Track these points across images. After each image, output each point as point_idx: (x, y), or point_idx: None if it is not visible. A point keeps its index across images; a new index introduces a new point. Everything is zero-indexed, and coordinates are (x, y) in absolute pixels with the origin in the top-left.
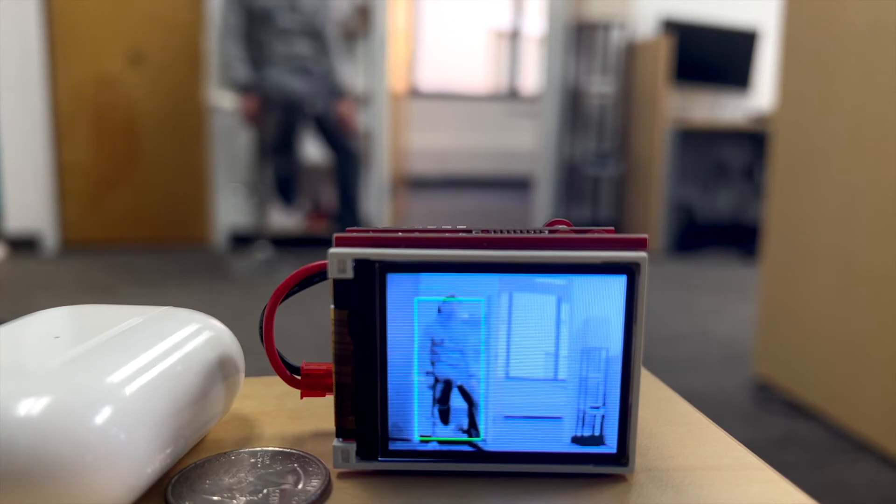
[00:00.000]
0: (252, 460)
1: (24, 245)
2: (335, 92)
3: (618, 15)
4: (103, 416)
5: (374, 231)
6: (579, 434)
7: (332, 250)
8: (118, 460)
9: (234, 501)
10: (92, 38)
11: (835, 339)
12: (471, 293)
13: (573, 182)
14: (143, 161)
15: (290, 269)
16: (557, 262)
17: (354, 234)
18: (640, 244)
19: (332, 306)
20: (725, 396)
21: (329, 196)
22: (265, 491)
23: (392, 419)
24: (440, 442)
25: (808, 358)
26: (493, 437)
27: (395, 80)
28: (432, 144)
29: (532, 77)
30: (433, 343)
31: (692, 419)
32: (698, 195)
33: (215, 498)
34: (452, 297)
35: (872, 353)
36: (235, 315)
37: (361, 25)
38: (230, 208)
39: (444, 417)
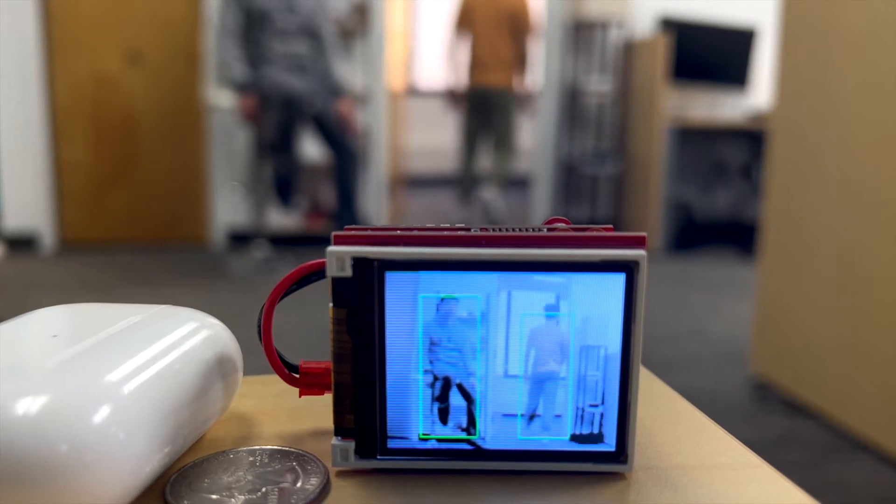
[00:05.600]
0: (251, 459)
1: (22, 244)
2: (333, 91)
3: (616, 14)
4: (101, 415)
5: (372, 229)
6: (578, 432)
7: (331, 249)
8: (117, 459)
9: (233, 500)
10: (90, 37)
11: (834, 337)
12: (469, 291)
13: (571, 181)
14: (142, 160)
15: (288, 267)
16: (556, 261)
17: (353, 233)
18: (638, 242)
19: (331, 305)
20: (724, 395)
21: (327, 195)
22: (264, 489)
23: (391, 417)
24: (439, 440)
25: (806, 357)
26: (491, 435)
27: (394, 78)
28: (431, 143)
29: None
30: (432, 341)
31: (691, 418)
32: (696, 194)
33: (214, 496)
34: (451, 295)
35: (871, 352)
36: (234, 314)
37: (359, 24)
38: (228, 207)
39: (443, 415)
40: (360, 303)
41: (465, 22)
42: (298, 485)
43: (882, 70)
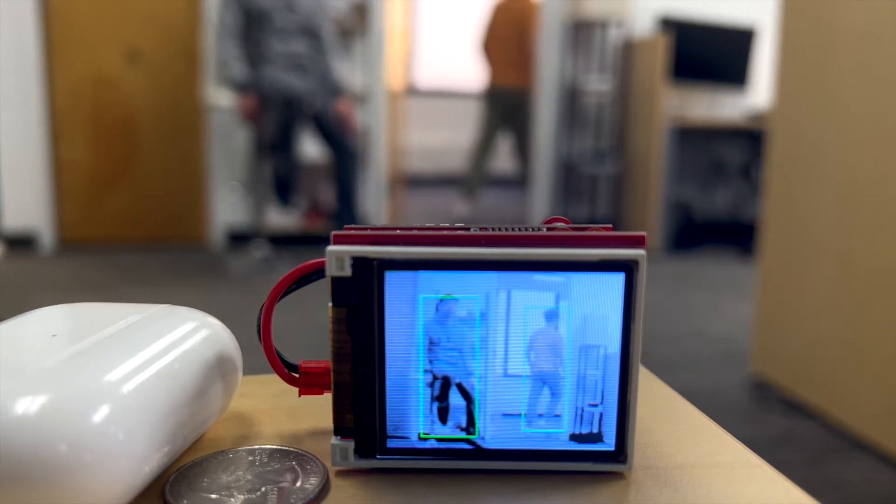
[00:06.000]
0: (250, 458)
1: (21, 243)
2: (333, 90)
3: (615, 13)
4: (101, 414)
5: (372, 229)
6: (578, 432)
7: (331, 248)
8: (116, 459)
9: (232, 500)
10: (89, 37)
11: (833, 337)
12: (469, 291)
13: (571, 180)
14: (141, 160)
15: (287, 267)
16: (556, 260)
17: (352, 232)
18: (638, 242)
19: (331, 304)
20: (723, 395)
21: (327, 194)
22: (263, 489)
23: (390, 417)
24: (438, 440)
25: (805, 356)
26: (491, 434)
27: (393, 78)
28: (430, 142)
29: None
30: (431, 341)
31: (691, 417)
32: (696, 193)
33: (213, 496)
34: (451, 294)
35: (870, 352)
36: (233, 313)
37: (359, 23)
38: (228, 207)
39: (443, 415)
40: (360, 302)
41: (488, 30)
42: (298, 484)
43: (881, 69)
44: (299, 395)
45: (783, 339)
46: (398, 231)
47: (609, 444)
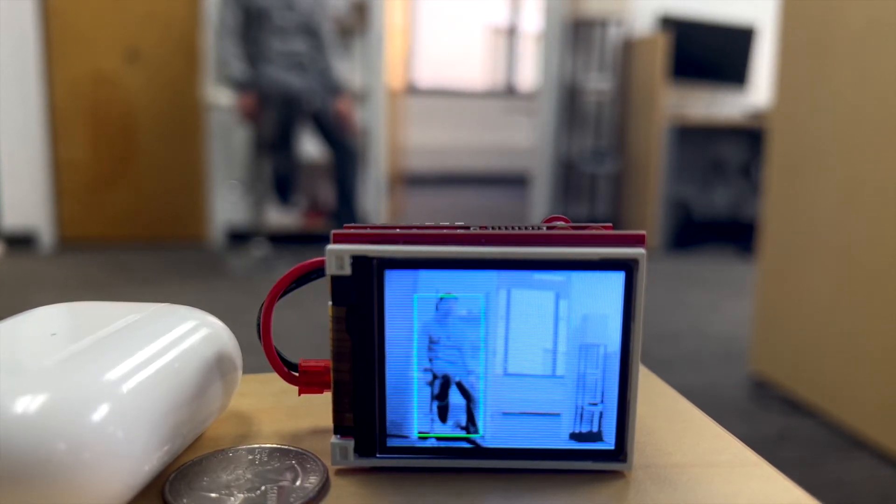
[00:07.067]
0: (250, 457)
1: (20, 242)
2: (333, 89)
3: (615, 12)
4: (100, 413)
5: (371, 228)
6: (577, 430)
7: (330, 247)
8: (116, 458)
9: (232, 498)
10: (88, 35)
11: (832, 335)
12: (469, 290)
13: (570, 179)
14: (140, 158)
15: (287, 266)
16: (556, 259)
17: (352, 231)
18: (638, 240)
19: (330, 303)
20: (722, 393)
21: (327, 193)
22: (263, 488)
23: (390, 416)
24: (438, 438)
25: (805, 355)
26: (491, 433)
27: (393, 76)
28: (430, 141)
29: (529, 74)
30: (431, 339)
31: (690, 416)
32: (695, 192)
33: (213, 495)
34: (451, 293)
35: (869, 350)
36: (233, 312)
37: (358, 22)
38: (227, 206)
39: (443, 414)
40: (360, 301)
41: None
42: (297, 483)
43: (881, 68)
44: (299, 394)
45: (782, 337)
46: (398, 230)
47: (609, 442)
